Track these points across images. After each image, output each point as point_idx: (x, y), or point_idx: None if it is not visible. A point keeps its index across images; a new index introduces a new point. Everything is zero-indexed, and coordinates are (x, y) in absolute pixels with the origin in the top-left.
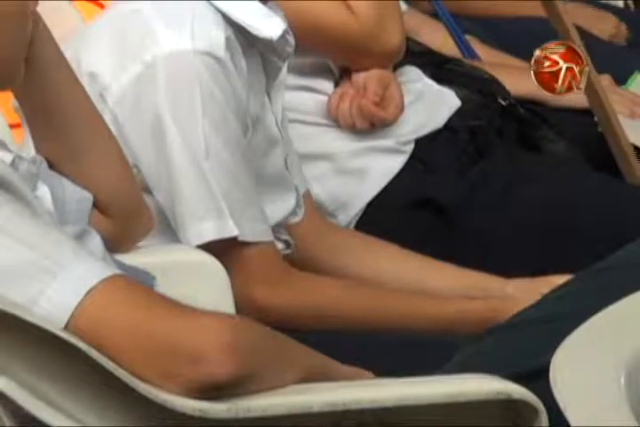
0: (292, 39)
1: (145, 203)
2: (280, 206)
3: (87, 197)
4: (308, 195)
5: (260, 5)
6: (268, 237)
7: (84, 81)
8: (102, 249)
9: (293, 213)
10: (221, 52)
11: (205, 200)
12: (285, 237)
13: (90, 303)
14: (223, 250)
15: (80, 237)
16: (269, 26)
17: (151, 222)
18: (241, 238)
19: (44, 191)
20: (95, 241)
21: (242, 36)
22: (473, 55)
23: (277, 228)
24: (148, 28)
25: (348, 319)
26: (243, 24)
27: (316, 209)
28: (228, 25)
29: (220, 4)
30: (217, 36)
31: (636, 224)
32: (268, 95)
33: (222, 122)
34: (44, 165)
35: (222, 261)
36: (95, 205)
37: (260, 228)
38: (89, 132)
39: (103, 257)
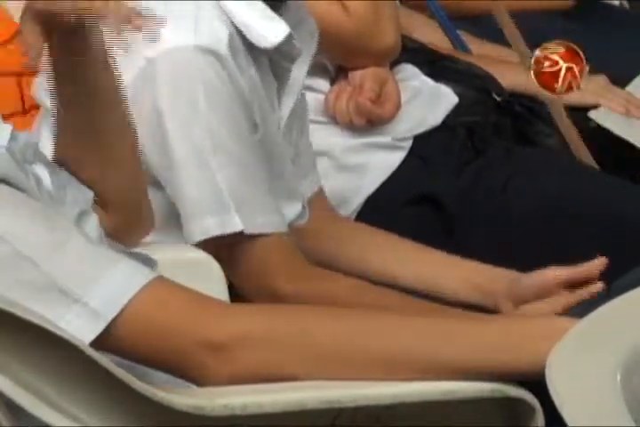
0: (298, 43)
1: (148, 206)
2: (287, 211)
3: (88, 196)
4: (321, 190)
5: (264, 7)
6: (282, 227)
7: None
8: (99, 231)
9: (300, 216)
10: (224, 48)
11: (209, 196)
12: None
13: (137, 302)
14: (237, 244)
15: (78, 218)
16: (270, 30)
17: (150, 223)
18: (249, 231)
19: (42, 172)
20: (92, 222)
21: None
22: (465, 50)
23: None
24: None
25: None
26: (243, 30)
27: (328, 203)
28: (233, 24)
29: (225, 4)
30: (220, 33)
31: (636, 219)
32: (279, 98)
33: (229, 116)
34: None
35: (235, 255)
36: (95, 200)
37: (273, 219)
38: (119, 135)
39: (99, 238)
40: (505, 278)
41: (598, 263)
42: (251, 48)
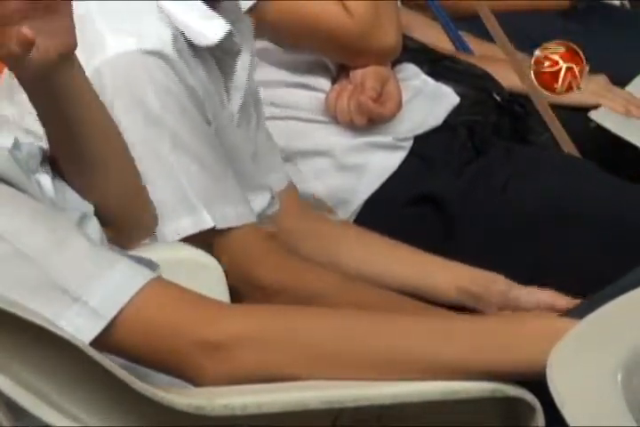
0: (238, 39)
1: (151, 213)
2: (252, 203)
3: (88, 208)
4: (291, 186)
5: (202, 6)
6: (252, 218)
7: None
8: (100, 234)
9: (270, 206)
10: (169, 49)
11: (175, 196)
12: (265, 227)
13: (136, 302)
14: (210, 240)
15: (79, 222)
16: (210, 28)
17: (152, 227)
18: (221, 226)
19: (45, 180)
20: (93, 225)
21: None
22: (466, 49)
23: (258, 220)
24: (96, 33)
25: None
26: (183, 30)
27: (299, 200)
28: (174, 24)
29: (164, 5)
30: (163, 35)
31: (636, 219)
32: (228, 94)
33: (184, 114)
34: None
35: (214, 253)
36: (95, 214)
37: (242, 211)
38: (106, 150)
39: (101, 241)
40: (494, 283)
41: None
42: (194, 46)
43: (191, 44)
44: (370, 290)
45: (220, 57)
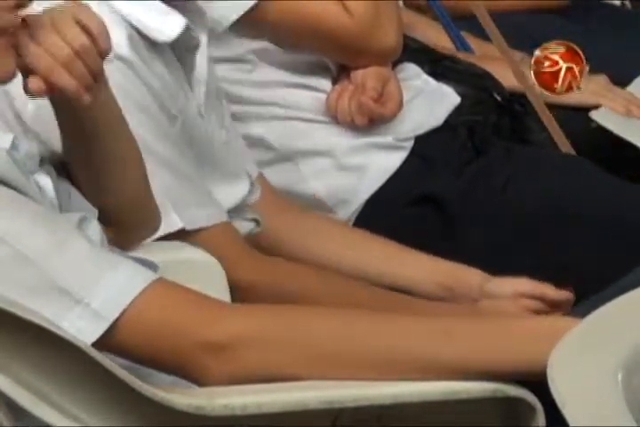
0: (197, 33)
1: (156, 214)
2: (231, 192)
3: (92, 211)
4: (261, 178)
5: (157, 2)
6: (223, 217)
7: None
8: (101, 236)
9: (250, 192)
10: (126, 50)
11: None
12: (251, 215)
13: (139, 304)
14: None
15: (79, 223)
16: (167, 24)
17: (155, 229)
18: (190, 227)
19: (45, 181)
20: (93, 227)
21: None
22: (467, 49)
23: (240, 209)
24: None
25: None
26: (139, 27)
27: (272, 193)
28: (129, 23)
29: (116, 4)
30: (118, 37)
31: (636, 219)
32: (191, 86)
33: (146, 116)
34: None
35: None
36: (100, 218)
37: (212, 212)
38: (126, 154)
39: (101, 242)
40: (469, 276)
41: (567, 294)
42: (151, 42)
43: (147, 39)
44: (351, 284)
45: (179, 52)
